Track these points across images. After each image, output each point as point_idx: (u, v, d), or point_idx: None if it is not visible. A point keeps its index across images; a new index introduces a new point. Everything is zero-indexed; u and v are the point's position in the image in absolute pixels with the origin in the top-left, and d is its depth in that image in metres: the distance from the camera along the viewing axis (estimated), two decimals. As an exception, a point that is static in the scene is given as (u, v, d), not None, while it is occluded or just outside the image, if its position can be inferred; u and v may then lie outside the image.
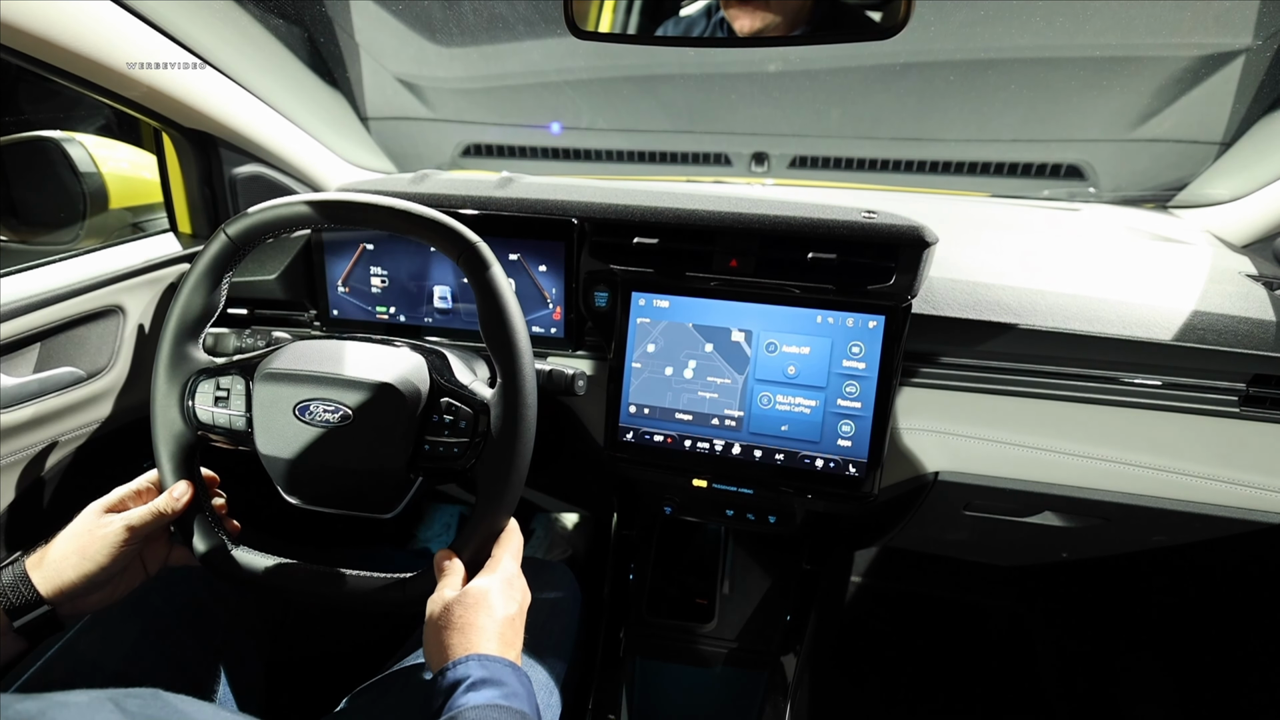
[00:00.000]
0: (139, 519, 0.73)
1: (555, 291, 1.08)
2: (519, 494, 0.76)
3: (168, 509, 0.75)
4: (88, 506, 0.75)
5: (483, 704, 0.58)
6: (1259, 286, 1.00)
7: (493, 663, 0.62)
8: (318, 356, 0.79)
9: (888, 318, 0.94)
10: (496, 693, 0.59)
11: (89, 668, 0.75)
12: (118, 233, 1.23)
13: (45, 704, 0.48)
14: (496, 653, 0.64)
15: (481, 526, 0.75)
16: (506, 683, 0.61)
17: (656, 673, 1.32)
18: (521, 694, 0.61)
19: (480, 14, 1.89)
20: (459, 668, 0.61)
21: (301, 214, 0.77)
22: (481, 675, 0.60)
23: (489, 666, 0.62)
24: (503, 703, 0.59)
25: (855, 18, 1.03)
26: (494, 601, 0.68)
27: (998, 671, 1.59)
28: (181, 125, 1.11)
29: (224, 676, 0.85)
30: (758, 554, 1.42)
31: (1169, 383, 0.95)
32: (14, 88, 1.25)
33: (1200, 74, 1.54)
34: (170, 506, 0.75)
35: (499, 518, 0.75)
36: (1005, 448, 0.99)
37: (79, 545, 0.71)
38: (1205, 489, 0.95)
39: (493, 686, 0.60)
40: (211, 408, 0.79)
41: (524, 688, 0.63)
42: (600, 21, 1.11)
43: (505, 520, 0.75)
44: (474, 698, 0.58)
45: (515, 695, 0.60)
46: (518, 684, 0.62)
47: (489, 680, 0.60)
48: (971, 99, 1.76)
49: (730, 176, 1.86)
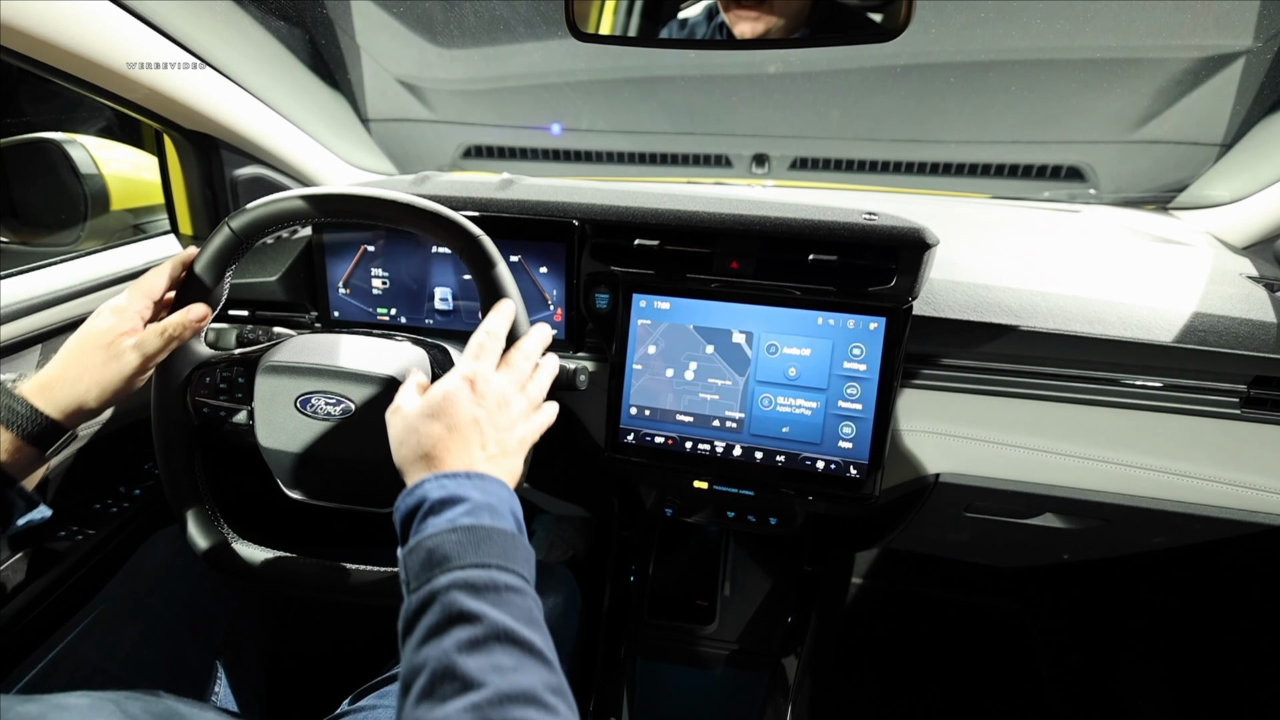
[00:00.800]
0: (152, 346, 0.69)
1: (556, 293, 1.08)
2: (521, 489, 0.76)
3: (183, 333, 0.71)
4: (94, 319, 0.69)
5: (440, 528, 0.51)
6: (1259, 288, 1.00)
7: (450, 480, 0.55)
8: (319, 350, 0.80)
9: (889, 319, 0.94)
10: (457, 511, 0.52)
11: (90, 670, 0.75)
12: (119, 234, 1.23)
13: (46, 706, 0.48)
14: (462, 466, 0.57)
15: None
16: (468, 498, 0.54)
17: (657, 674, 1.32)
18: (488, 504, 0.54)
19: (481, 16, 1.89)
20: (414, 494, 0.55)
21: (304, 208, 0.77)
22: (440, 495, 0.54)
23: (446, 485, 0.54)
24: (465, 521, 0.52)
25: (856, 20, 1.03)
26: (452, 405, 0.59)
27: (998, 673, 1.58)
28: (182, 127, 1.11)
29: (225, 678, 0.85)
30: (758, 555, 1.41)
31: (1170, 384, 0.95)
32: (15, 89, 1.25)
33: (1201, 76, 1.54)
34: (187, 331, 0.71)
35: None
36: (1006, 449, 0.99)
37: (85, 371, 0.67)
38: (1206, 490, 0.95)
39: (451, 506, 0.53)
40: (213, 401, 0.80)
41: (490, 495, 0.55)
42: (601, 23, 1.11)
43: None
44: (432, 523, 0.52)
45: (479, 509, 0.53)
46: (481, 495, 0.54)
47: (446, 500, 0.53)
48: (972, 100, 1.76)
49: (731, 178, 1.86)
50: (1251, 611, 1.36)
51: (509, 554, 0.52)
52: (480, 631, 0.46)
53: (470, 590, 0.48)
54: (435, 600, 0.48)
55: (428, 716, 0.43)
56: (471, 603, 0.47)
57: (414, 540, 0.52)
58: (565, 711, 0.45)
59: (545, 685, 0.45)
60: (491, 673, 0.44)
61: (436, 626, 0.47)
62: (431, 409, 0.60)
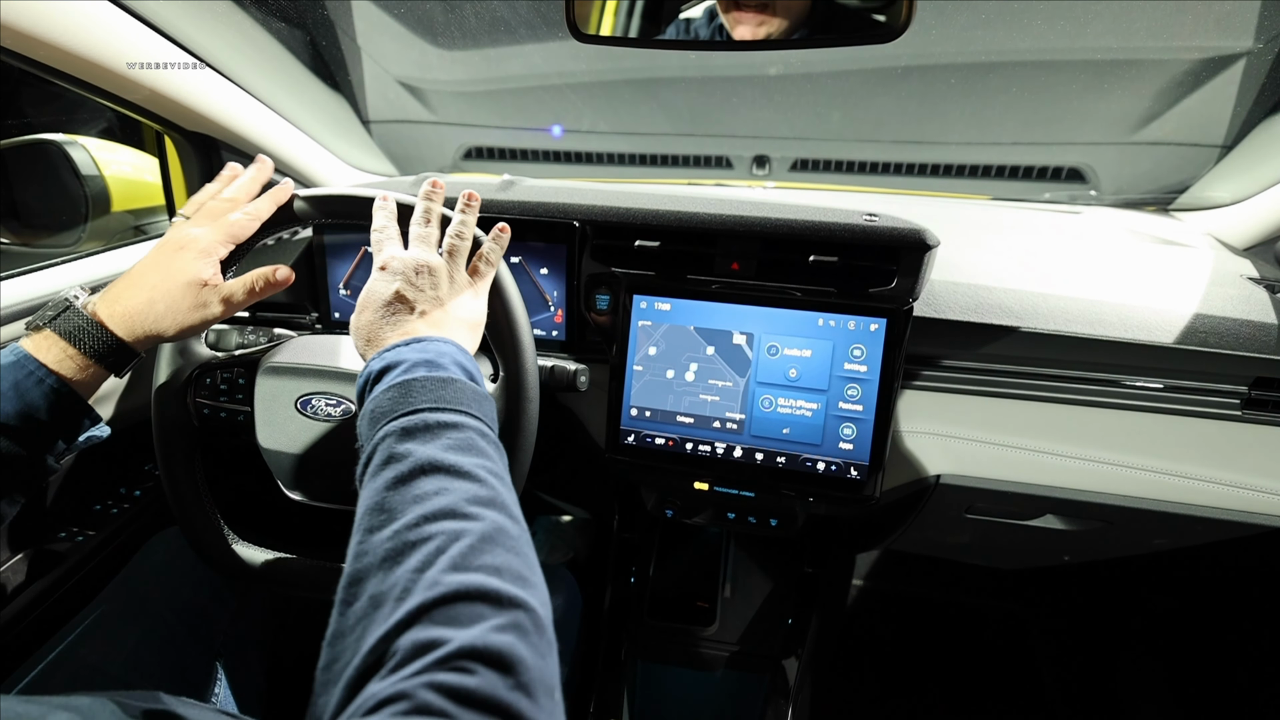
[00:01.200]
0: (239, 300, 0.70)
1: (557, 294, 1.08)
2: (521, 486, 0.76)
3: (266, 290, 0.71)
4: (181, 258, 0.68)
5: (379, 391, 0.54)
6: (1260, 289, 1.00)
7: (390, 350, 0.58)
8: (319, 351, 0.80)
9: (889, 321, 0.94)
10: (394, 373, 0.55)
11: (90, 671, 0.75)
12: (120, 236, 1.23)
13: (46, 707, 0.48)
14: (400, 336, 0.60)
15: None
16: (404, 359, 0.56)
17: (658, 676, 1.32)
18: (420, 361, 0.56)
19: (482, 17, 1.89)
20: (363, 372, 0.58)
21: (305, 210, 0.77)
22: (379, 366, 0.57)
23: (386, 355, 0.57)
24: (399, 379, 0.55)
25: (857, 21, 1.03)
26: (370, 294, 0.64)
27: (999, 674, 1.58)
28: (183, 128, 1.11)
29: (225, 679, 0.85)
30: (759, 557, 1.41)
31: (1171, 385, 0.95)
32: (16, 91, 1.25)
33: (1201, 77, 1.54)
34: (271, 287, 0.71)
35: None
36: (1007, 451, 0.99)
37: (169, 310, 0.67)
38: (1207, 492, 0.95)
39: (391, 370, 0.56)
40: (213, 402, 0.80)
41: (431, 352, 0.58)
42: (602, 25, 1.11)
43: None
44: (374, 392, 0.55)
45: (416, 365, 0.56)
46: (421, 353, 0.57)
47: (386, 367, 0.56)
48: (973, 102, 1.76)
49: (731, 179, 1.86)
50: (1252, 613, 1.36)
51: (441, 396, 0.54)
52: (405, 467, 0.49)
53: (402, 434, 0.51)
54: (375, 452, 0.52)
55: (356, 549, 0.47)
56: (400, 445, 0.51)
57: (365, 408, 0.55)
58: (491, 515, 0.46)
59: (468, 498, 0.47)
60: (412, 502, 0.47)
61: (372, 472, 0.50)
62: (359, 306, 0.64)
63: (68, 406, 0.62)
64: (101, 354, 0.64)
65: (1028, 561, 1.39)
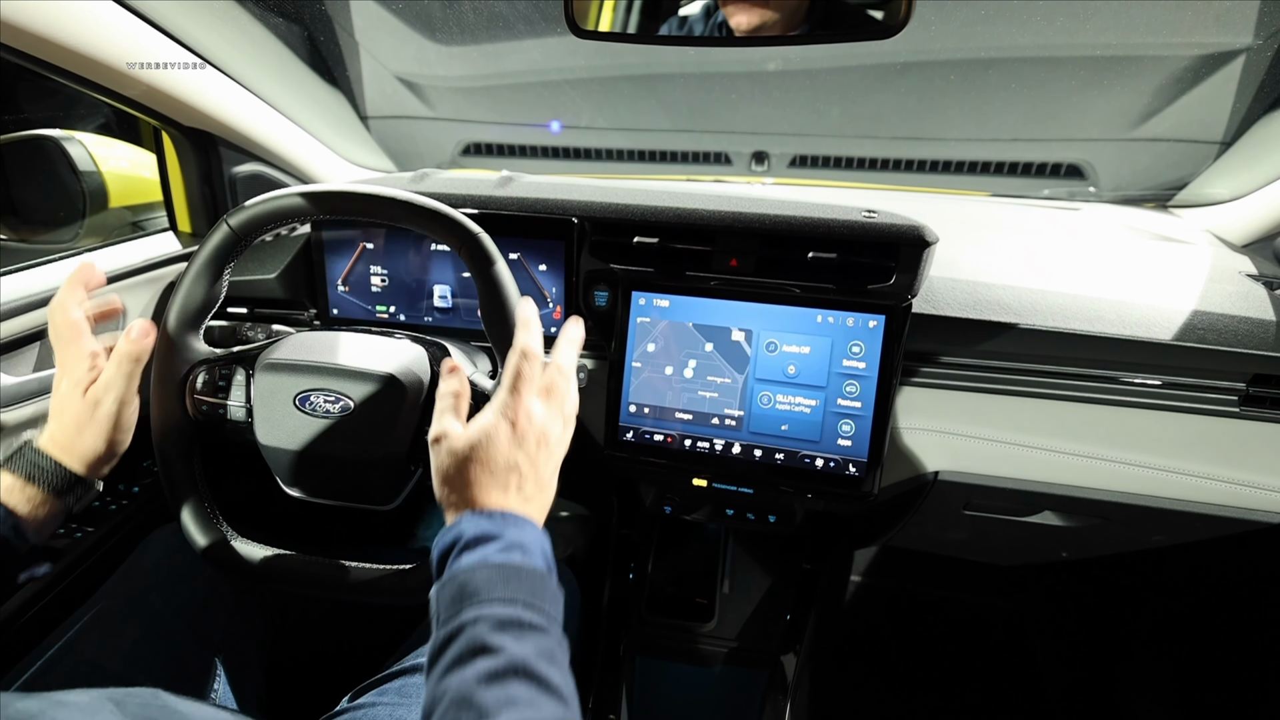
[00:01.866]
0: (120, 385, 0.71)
1: (555, 291, 1.08)
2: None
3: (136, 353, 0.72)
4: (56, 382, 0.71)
5: (472, 564, 0.53)
6: (1259, 286, 1.00)
7: (485, 519, 0.57)
8: (319, 347, 0.80)
9: (888, 317, 0.94)
10: (490, 549, 0.54)
11: (89, 668, 0.75)
12: (117, 231, 1.23)
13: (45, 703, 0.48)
14: (497, 505, 0.58)
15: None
16: (502, 535, 0.55)
17: (657, 672, 1.32)
18: (520, 542, 0.55)
19: (480, 13, 1.89)
20: (452, 530, 0.57)
21: (303, 206, 0.77)
22: (474, 533, 0.55)
23: (482, 523, 0.56)
24: (496, 559, 0.53)
25: (856, 17, 1.03)
26: (493, 448, 0.60)
27: (997, 670, 1.59)
28: (181, 124, 1.11)
29: (224, 677, 0.85)
30: (757, 553, 1.42)
31: (1169, 382, 0.95)
32: (13, 86, 1.25)
33: (1200, 73, 1.54)
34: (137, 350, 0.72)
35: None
36: (1005, 447, 0.99)
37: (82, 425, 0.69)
38: (1205, 489, 0.95)
39: (485, 544, 0.55)
40: (211, 399, 0.79)
41: (522, 534, 0.56)
42: (600, 20, 1.10)
43: None
44: (466, 559, 0.54)
45: (511, 547, 0.55)
46: (517, 533, 0.56)
47: (481, 537, 0.55)
48: (972, 98, 1.76)
49: (730, 175, 1.86)
50: (1251, 609, 1.36)
51: (536, 591, 0.53)
52: (500, 664, 0.47)
53: (495, 624, 0.50)
54: (462, 633, 0.50)
55: None
56: (494, 636, 0.49)
57: (447, 575, 0.54)
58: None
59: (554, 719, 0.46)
60: (506, 705, 0.45)
61: (460, 658, 0.49)
62: (472, 449, 0.60)
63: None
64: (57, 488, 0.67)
65: (1026, 558, 1.39)
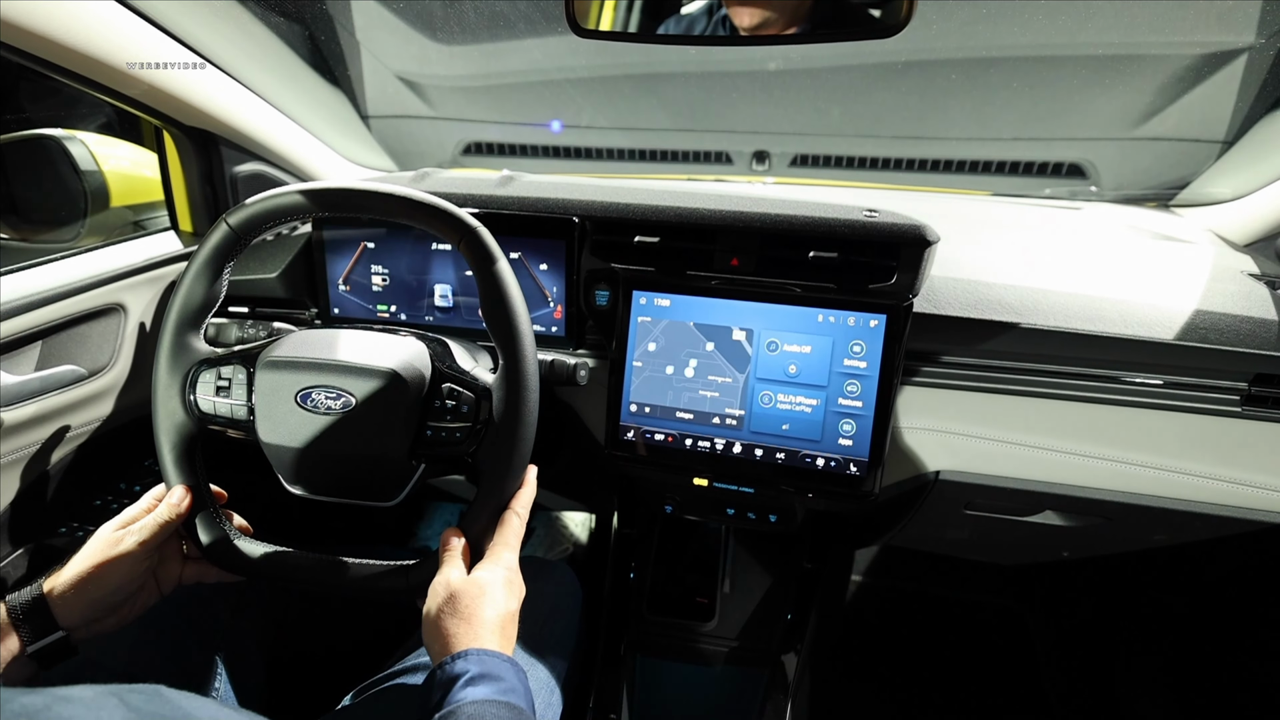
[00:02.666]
0: (148, 532, 0.73)
1: (556, 290, 1.08)
2: (522, 478, 0.76)
3: (171, 516, 0.75)
4: (100, 528, 0.74)
5: (480, 699, 0.59)
6: (1261, 285, 1.00)
7: (491, 658, 0.64)
8: (319, 344, 0.80)
9: (889, 317, 0.93)
10: (493, 688, 0.61)
11: (91, 664, 0.75)
12: (119, 231, 1.23)
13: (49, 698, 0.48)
14: (496, 647, 0.65)
15: (485, 511, 0.75)
16: (504, 678, 0.62)
17: (657, 671, 1.32)
18: (519, 689, 0.63)
19: (481, 12, 1.89)
20: (458, 662, 0.63)
21: (302, 203, 0.77)
22: (480, 670, 0.62)
23: (486, 662, 0.63)
24: (499, 698, 0.60)
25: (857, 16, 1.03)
26: (496, 595, 0.69)
27: (998, 670, 1.59)
28: (183, 123, 1.11)
29: (226, 673, 0.85)
30: (758, 552, 1.42)
31: (1171, 382, 0.95)
32: (15, 86, 1.25)
33: (1202, 72, 1.54)
34: (173, 513, 0.75)
35: (502, 502, 0.75)
36: (1006, 447, 0.99)
37: (93, 566, 0.71)
38: (1206, 488, 0.95)
39: (490, 682, 0.61)
40: (213, 397, 0.80)
41: (521, 683, 0.64)
42: (601, 20, 1.11)
43: (507, 506, 0.76)
44: (471, 693, 0.60)
45: (512, 690, 0.62)
46: (515, 679, 0.64)
47: (486, 675, 0.62)
48: (973, 97, 1.76)
49: (731, 175, 1.86)
50: (1252, 609, 1.36)
51: None
52: None
53: None
54: None
55: None
56: None
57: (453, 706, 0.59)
58: None
59: None
60: None
61: None
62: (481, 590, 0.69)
63: None
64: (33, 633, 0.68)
65: (1027, 558, 1.40)
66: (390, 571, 0.76)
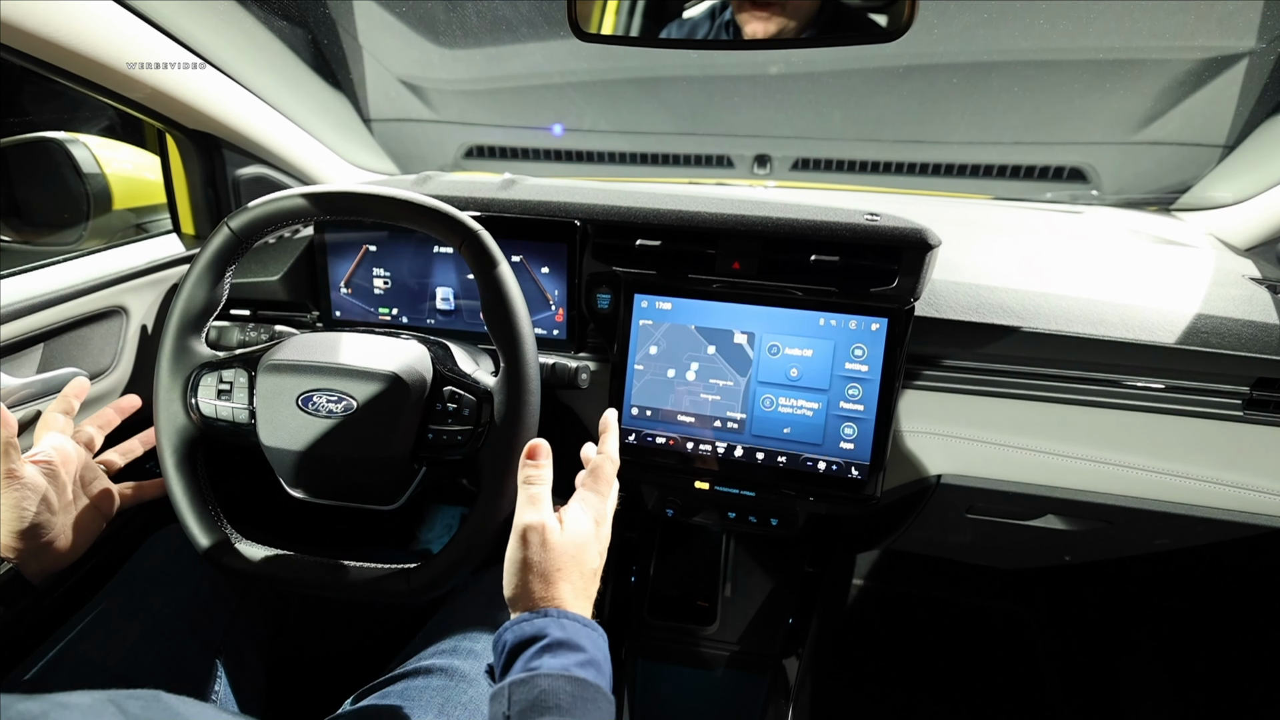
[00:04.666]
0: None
1: (557, 293, 1.08)
2: None
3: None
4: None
5: (557, 672, 0.56)
6: (1262, 289, 1.00)
7: (572, 623, 0.60)
8: (321, 348, 0.80)
9: (890, 320, 0.93)
10: (572, 659, 0.57)
11: (90, 669, 0.75)
12: (121, 234, 1.23)
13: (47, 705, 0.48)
14: (578, 610, 0.62)
15: (485, 515, 0.75)
16: (584, 648, 0.59)
17: (658, 675, 1.32)
18: (597, 660, 0.59)
19: (483, 16, 1.89)
20: (537, 621, 0.60)
21: (303, 207, 0.77)
22: (560, 636, 0.59)
23: (568, 627, 0.60)
24: (578, 673, 0.57)
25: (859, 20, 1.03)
26: (589, 552, 0.65)
27: (999, 674, 1.58)
28: (185, 126, 1.11)
29: (225, 678, 0.85)
30: (759, 556, 1.41)
31: (1172, 386, 0.95)
32: (18, 89, 1.25)
33: (1204, 77, 1.54)
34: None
35: (503, 505, 0.75)
36: (1008, 450, 0.99)
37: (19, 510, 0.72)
38: (1208, 492, 0.95)
39: (569, 651, 0.58)
40: (215, 401, 0.80)
41: (600, 652, 0.61)
42: (603, 24, 1.11)
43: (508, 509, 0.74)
44: (549, 662, 0.57)
45: (590, 663, 0.58)
46: (594, 649, 0.60)
47: (566, 643, 0.58)
48: (974, 101, 1.76)
49: (732, 179, 1.86)
50: (1253, 614, 1.36)
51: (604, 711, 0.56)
52: None
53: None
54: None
55: None
56: None
57: (527, 674, 0.56)
58: None
59: None
60: None
61: None
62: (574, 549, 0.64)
63: None
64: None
65: (1029, 561, 1.39)
66: (391, 575, 0.76)
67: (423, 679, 0.81)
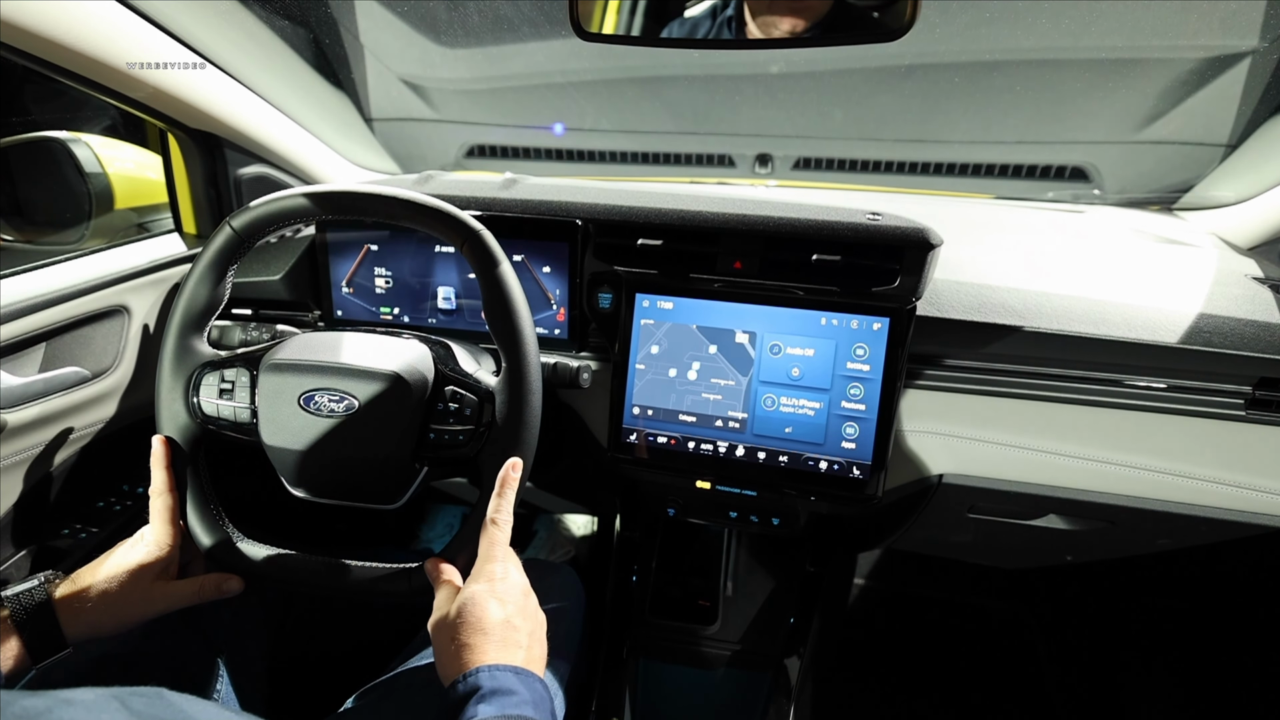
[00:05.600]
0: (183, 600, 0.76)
1: (559, 293, 1.08)
2: (525, 481, 0.76)
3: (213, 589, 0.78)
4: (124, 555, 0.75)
5: (494, 715, 0.59)
6: (1265, 289, 1.00)
7: (499, 672, 0.63)
8: (322, 347, 0.80)
9: (892, 320, 0.93)
10: (502, 703, 0.61)
11: (93, 666, 0.75)
12: (123, 233, 1.23)
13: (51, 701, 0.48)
14: (500, 660, 0.65)
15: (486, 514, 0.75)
16: (514, 690, 0.62)
17: (659, 674, 1.32)
18: (529, 699, 0.62)
19: (485, 15, 1.89)
20: (468, 680, 0.63)
21: (305, 206, 0.77)
22: (491, 687, 0.62)
23: (497, 677, 0.63)
24: (514, 712, 0.60)
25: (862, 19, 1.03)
26: (481, 611, 0.68)
27: (1001, 674, 1.58)
28: (187, 126, 1.11)
29: (227, 676, 0.85)
30: (761, 556, 1.41)
31: (1174, 385, 0.95)
32: (20, 88, 1.25)
33: (1206, 76, 1.54)
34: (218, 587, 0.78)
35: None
36: (1010, 450, 0.99)
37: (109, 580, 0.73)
38: (1210, 492, 0.95)
39: (499, 698, 0.61)
40: (216, 400, 0.80)
41: (532, 692, 0.64)
42: (605, 23, 1.11)
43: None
44: (485, 710, 0.60)
45: (523, 703, 0.62)
46: (525, 690, 0.63)
47: (496, 691, 0.62)
48: (976, 101, 1.75)
49: (734, 178, 1.86)
50: (1256, 613, 1.36)
51: None
52: None
53: None
54: None
55: None
56: None
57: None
58: None
59: None
60: None
61: None
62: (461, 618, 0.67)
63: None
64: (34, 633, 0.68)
65: (1030, 561, 1.39)
66: (392, 574, 0.76)
67: (425, 677, 0.82)
